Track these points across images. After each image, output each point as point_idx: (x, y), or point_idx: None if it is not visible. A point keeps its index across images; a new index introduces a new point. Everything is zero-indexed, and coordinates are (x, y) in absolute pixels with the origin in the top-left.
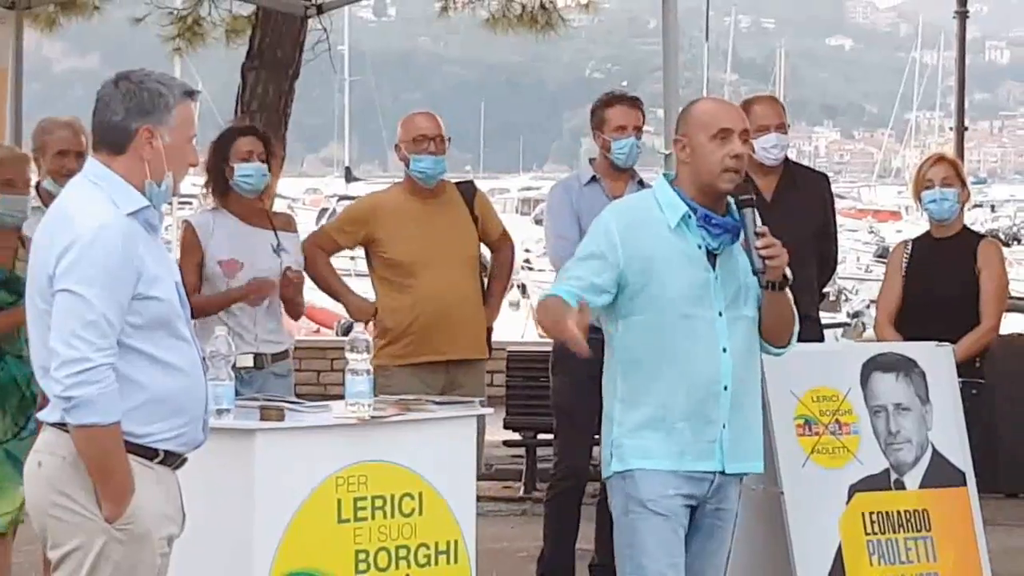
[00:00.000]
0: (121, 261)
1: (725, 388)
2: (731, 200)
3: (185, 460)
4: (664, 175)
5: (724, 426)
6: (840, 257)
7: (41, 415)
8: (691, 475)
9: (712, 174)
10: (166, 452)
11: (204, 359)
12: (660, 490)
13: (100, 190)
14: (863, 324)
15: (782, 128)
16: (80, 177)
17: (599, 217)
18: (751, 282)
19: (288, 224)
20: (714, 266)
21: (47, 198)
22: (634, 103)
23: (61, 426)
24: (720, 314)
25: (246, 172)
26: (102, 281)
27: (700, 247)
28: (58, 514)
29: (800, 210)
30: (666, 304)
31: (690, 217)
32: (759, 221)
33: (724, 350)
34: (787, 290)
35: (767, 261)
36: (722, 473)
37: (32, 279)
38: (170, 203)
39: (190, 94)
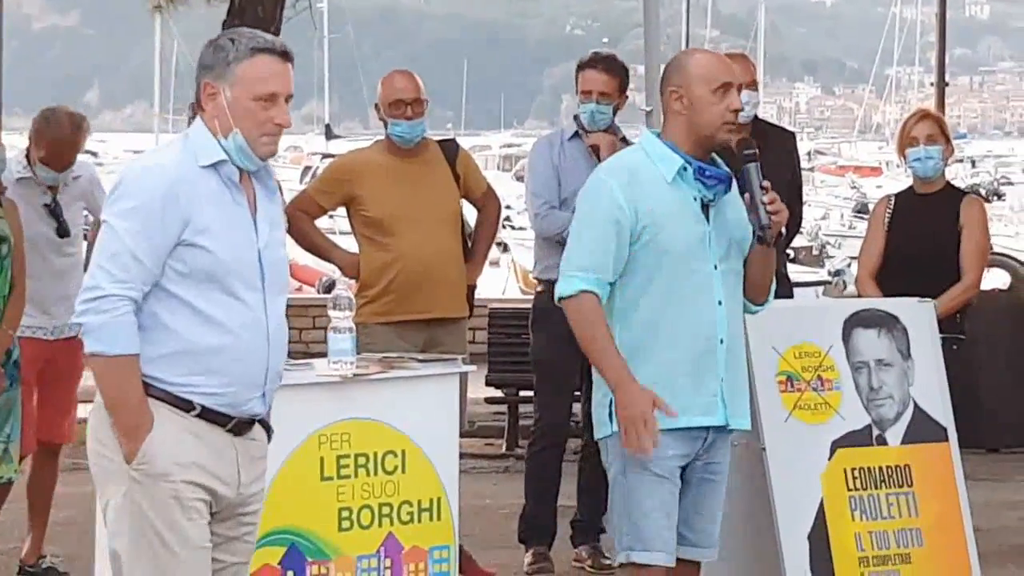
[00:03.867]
0: (163, 203)
1: (721, 341)
2: (737, 152)
3: (242, 426)
4: (649, 131)
5: (723, 380)
6: (822, 213)
7: None
8: (689, 432)
9: (713, 126)
10: (204, 407)
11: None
12: (660, 451)
13: (187, 145)
14: (844, 281)
15: (753, 85)
16: (182, 133)
17: (594, 181)
18: (740, 236)
19: None
20: (708, 218)
21: (42, 184)
22: (606, 67)
23: None
24: (715, 267)
25: None
26: (137, 216)
27: (696, 199)
28: (96, 461)
29: (770, 166)
30: (669, 257)
31: (686, 169)
32: (762, 176)
33: (720, 303)
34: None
35: (773, 217)
36: (716, 429)
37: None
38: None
39: (266, 51)
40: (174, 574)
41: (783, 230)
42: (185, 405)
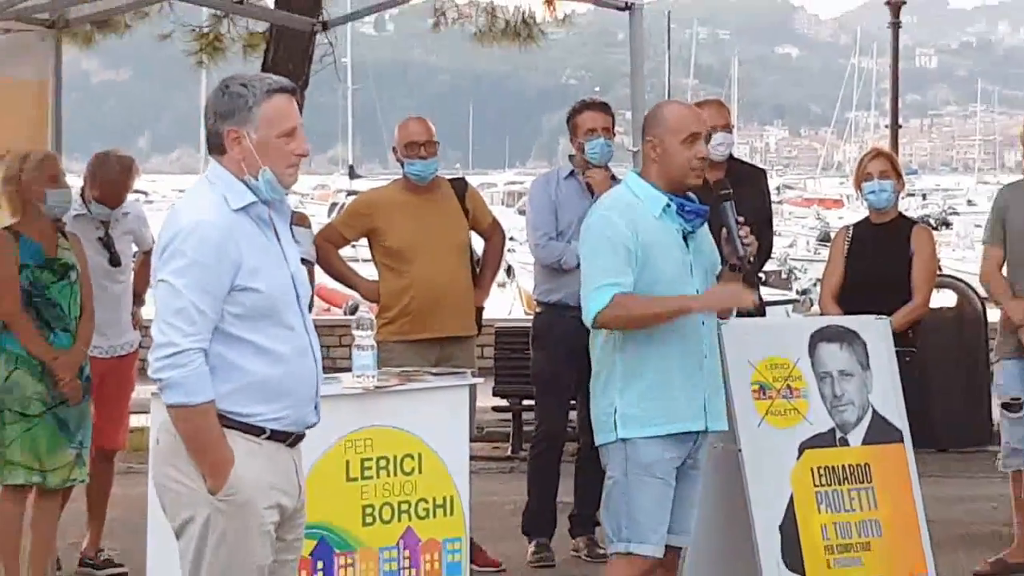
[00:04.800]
0: (215, 255)
1: (706, 357)
2: (714, 191)
3: (299, 438)
4: (633, 171)
5: (706, 391)
6: (789, 241)
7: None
8: (682, 438)
9: (682, 171)
10: (272, 431)
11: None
12: (659, 455)
13: (214, 189)
14: (811, 300)
15: (728, 128)
16: (202, 177)
17: (598, 215)
18: (712, 261)
19: (302, 220)
20: (689, 248)
21: (95, 219)
22: (602, 108)
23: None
24: (697, 290)
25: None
26: (193, 272)
27: (678, 231)
28: (171, 486)
29: (743, 199)
30: (660, 284)
31: (669, 206)
32: (736, 212)
33: (703, 323)
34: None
35: (748, 247)
36: (702, 433)
37: (152, 272)
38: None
39: (279, 90)
40: None
41: (750, 258)
42: (256, 431)
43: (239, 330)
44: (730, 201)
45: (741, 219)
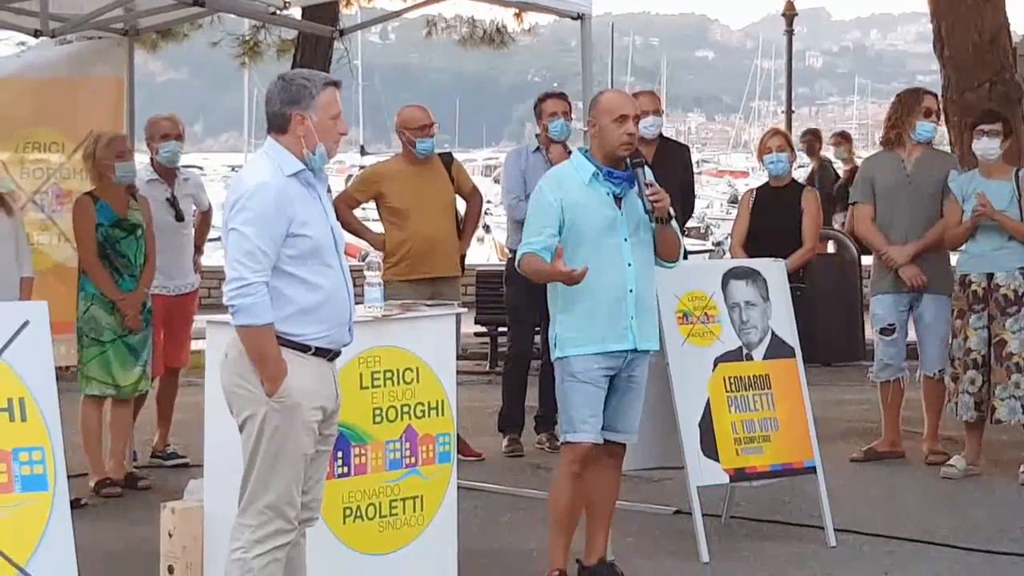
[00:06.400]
0: (274, 209)
1: (631, 291)
2: (628, 160)
3: (337, 354)
4: (579, 148)
5: (632, 317)
6: (707, 203)
7: (230, 319)
8: (609, 354)
9: (614, 146)
10: (317, 348)
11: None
12: (586, 366)
13: (270, 159)
14: (723, 250)
15: (658, 112)
16: (260, 151)
17: (538, 186)
18: (644, 216)
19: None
20: (620, 206)
21: (159, 167)
22: (561, 96)
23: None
24: (626, 239)
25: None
26: (258, 222)
27: (609, 194)
28: (237, 391)
29: (670, 170)
30: (586, 236)
31: (597, 174)
32: (649, 176)
33: (629, 264)
34: (672, 223)
35: (655, 204)
36: (633, 351)
37: (222, 225)
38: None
39: (331, 84)
40: (285, 469)
41: (670, 212)
42: (304, 348)
43: (292, 268)
44: (641, 167)
45: (650, 181)
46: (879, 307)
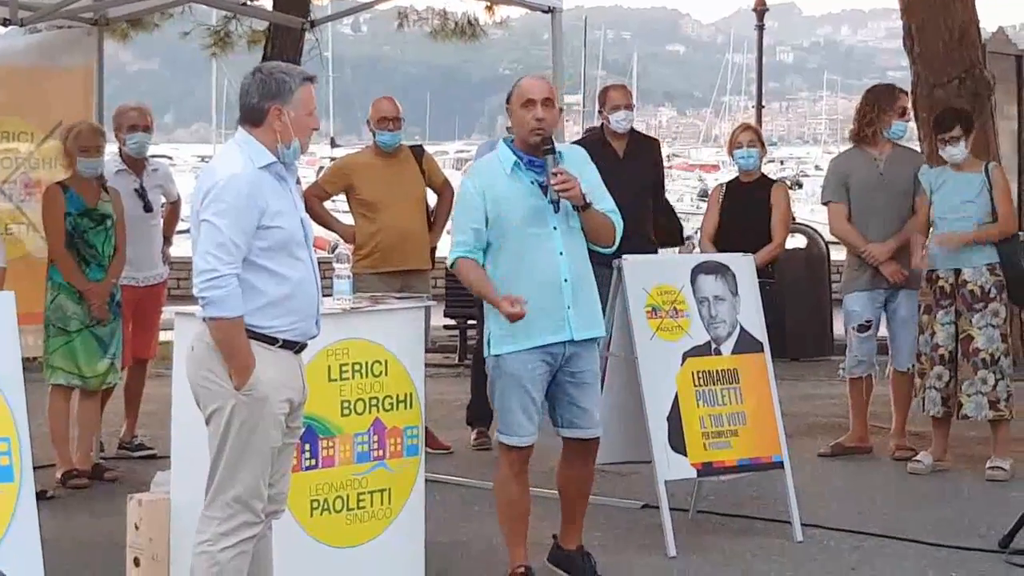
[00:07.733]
0: (246, 201)
1: (566, 280)
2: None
3: (304, 346)
4: (503, 139)
5: (569, 307)
6: (677, 197)
7: (197, 312)
8: (546, 348)
9: (524, 131)
10: (284, 340)
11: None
12: (521, 364)
13: (241, 151)
14: (693, 244)
15: (629, 107)
16: (231, 141)
17: (463, 182)
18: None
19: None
20: (547, 195)
21: (127, 158)
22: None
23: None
24: (555, 228)
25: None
26: (230, 214)
27: (533, 183)
28: (204, 384)
29: (641, 163)
30: (512, 227)
31: (519, 164)
32: (558, 164)
33: (561, 253)
34: (592, 207)
35: (560, 193)
36: (572, 343)
37: (191, 215)
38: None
39: (308, 79)
40: (252, 461)
41: (585, 198)
42: (272, 341)
43: (261, 259)
44: (551, 156)
45: (558, 169)
46: (855, 304)
